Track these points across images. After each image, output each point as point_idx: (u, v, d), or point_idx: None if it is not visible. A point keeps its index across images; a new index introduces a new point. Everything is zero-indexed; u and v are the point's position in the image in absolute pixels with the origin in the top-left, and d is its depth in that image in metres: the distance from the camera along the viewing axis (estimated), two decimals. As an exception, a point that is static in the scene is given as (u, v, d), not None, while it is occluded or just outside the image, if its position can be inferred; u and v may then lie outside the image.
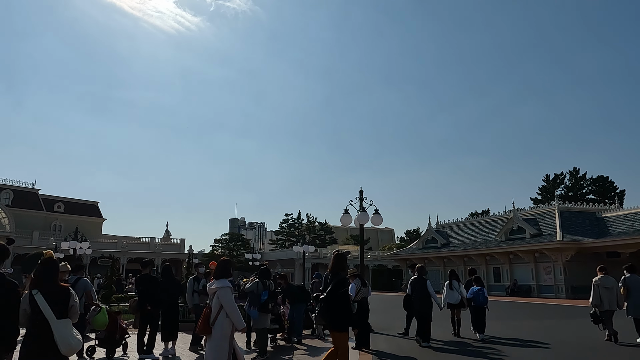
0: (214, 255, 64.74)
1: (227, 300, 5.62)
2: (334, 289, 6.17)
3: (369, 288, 11.22)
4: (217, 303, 5.63)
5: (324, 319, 6.26)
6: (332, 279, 6.40)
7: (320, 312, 6.38)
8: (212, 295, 5.78)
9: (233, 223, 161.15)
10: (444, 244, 45.27)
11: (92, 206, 58.94)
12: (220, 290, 5.66)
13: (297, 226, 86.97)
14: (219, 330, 5.56)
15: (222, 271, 5.91)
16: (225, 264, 6.00)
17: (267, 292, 9.06)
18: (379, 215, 14.69)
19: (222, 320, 5.57)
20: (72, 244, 24.58)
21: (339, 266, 6.59)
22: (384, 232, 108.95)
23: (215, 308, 5.62)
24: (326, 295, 6.23)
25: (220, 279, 5.82)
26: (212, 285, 5.78)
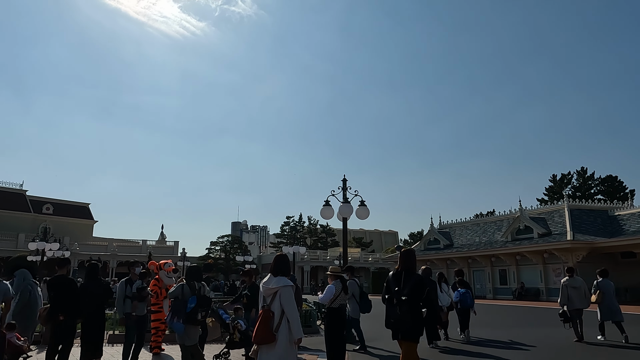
0: (209, 257, 62.85)
1: (289, 303, 4.89)
2: (416, 291, 5.47)
3: (348, 295, 9.16)
4: (279, 305, 4.86)
5: (402, 327, 5.44)
6: (407, 278, 5.63)
7: (398, 319, 5.51)
8: (271, 296, 4.93)
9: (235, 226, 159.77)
10: (447, 245, 43.11)
11: (82, 208, 57.15)
12: (283, 290, 4.89)
13: (299, 229, 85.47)
14: (284, 338, 4.79)
15: (281, 267, 5.09)
16: (284, 259, 5.23)
17: (195, 297, 7.02)
18: (365, 207, 12.66)
19: (286, 325, 4.82)
20: (40, 245, 22.71)
21: (411, 263, 5.83)
22: (388, 234, 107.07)
23: (278, 311, 4.85)
24: (408, 298, 5.42)
25: (279, 276, 5.01)
26: (270, 284, 4.95)
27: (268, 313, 4.82)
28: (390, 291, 5.74)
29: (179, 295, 7.15)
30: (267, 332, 4.74)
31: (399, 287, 5.64)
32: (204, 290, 7.34)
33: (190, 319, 6.95)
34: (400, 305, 5.48)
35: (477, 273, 39.93)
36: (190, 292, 7.13)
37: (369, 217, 12.68)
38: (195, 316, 6.95)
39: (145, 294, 8.45)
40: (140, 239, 53.91)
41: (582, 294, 11.50)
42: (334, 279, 8.63)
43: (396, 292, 5.61)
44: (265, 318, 4.80)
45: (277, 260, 5.21)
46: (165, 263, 10.76)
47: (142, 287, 8.48)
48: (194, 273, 7.41)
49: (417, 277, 5.71)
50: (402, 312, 5.46)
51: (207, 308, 7.19)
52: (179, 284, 7.34)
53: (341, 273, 8.67)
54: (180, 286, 7.22)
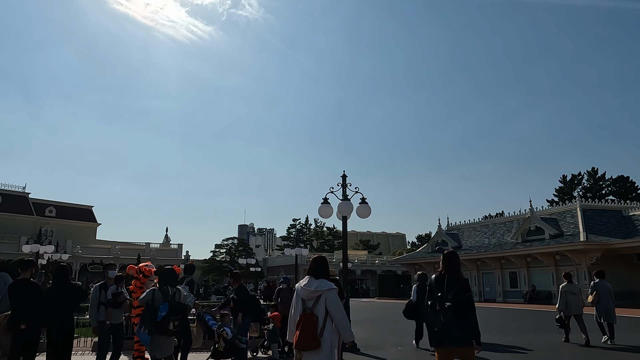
0: (214, 260, 62.15)
1: (336, 305, 4.65)
2: (460, 294, 5.22)
3: (348, 300, 8.28)
4: (323, 309, 4.61)
5: (451, 333, 5.15)
6: (451, 282, 5.34)
7: (444, 326, 5.22)
8: (313, 299, 4.66)
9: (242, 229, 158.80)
10: (455, 247, 42.01)
11: (85, 210, 56.68)
12: (328, 293, 4.65)
13: (305, 231, 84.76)
14: (328, 343, 4.56)
15: (321, 269, 4.81)
16: (324, 261, 4.93)
17: (167, 305, 6.19)
18: (366, 205, 11.79)
19: (330, 330, 4.60)
20: (34, 247, 22.04)
21: (455, 266, 5.53)
22: (395, 237, 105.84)
23: (322, 315, 4.59)
24: (453, 304, 5.16)
25: (320, 278, 4.74)
26: (312, 287, 4.68)
27: (312, 317, 4.56)
28: (434, 296, 5.41)
29: (149, 301, 6.34)
30: (312, 337, 4.48)
31: (442, 292, 5.34)
32: (179, 296, 6.52)
33: (160, 329, 6.13)
34: (445, 312, 5.20)
35: (486, 276, 38.87)
36: (162, 298, 6.31)
37: (376, 219, 12.05)
38: (166, 325, 6.12)
39: (121, 299, 7.65)
40: (144, 242, 53.30)
41: (579, 300, 11.82)
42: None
43: (440, 297, 5.30)
44: (308, 322, 4.54)
45: (316, 262, 4.89)
46: (145, 265, 10.01)
47: (118, 293, 7.68)
48: (168, 276, 6.58)
49: (461, 281, 5.39)
50: (447, 319, 5.19)
51: (181, 316, 6.37)
52: (150, 289, 6.53)
53: (335, 276, 7.85)
54: (151, 291, 6.41)
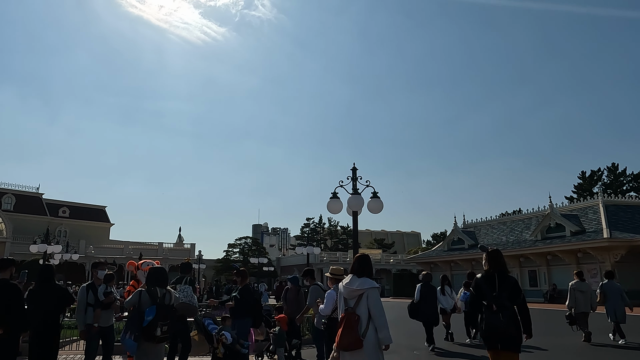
0: (227, 260, 61.79)
1: (377, 305, 4.55)
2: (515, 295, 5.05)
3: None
4: (366, 308, 4.52)
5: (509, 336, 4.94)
6: (502, 281, 5.13)
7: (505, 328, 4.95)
8: (355, 298, 4.57)
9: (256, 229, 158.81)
10: (472, 245, 40.96)
11: (99, 211, 56.75)
12: (371, 292, 4.56)
13: (319, 230, 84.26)
14: (372, 344, 4.44)
15: (364, 267, 4.73)
16: (367, 259, 4.83)
17: (154, 308, 5.54)
18: (378, 199, 11.05)
19: (374, 330, 4.47)
20: (41, 247, 21.71)
21: (503, 264, 5.31)
22: (410, 235, 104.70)
23: (364, 315, 4.51)
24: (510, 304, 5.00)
25: (362, 276, 4.64)
26: (355, 286, 4.60)
27: (353, 316, 4.47)
28: (485, 296, 5.13)
29: (135, 304, 5.71)
30: (354, 338, 4.37)
31: (495, 291, 5.08)
32: (169, 298, 5.87)
33: (146, 335, 5.49)
34: (503, 312, 4.95)
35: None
36: (150, 300, 5.67)
37: (390, 218, 11.28)
38: (152, 331, 5.48)
39: (110, 300, 7.05)
40: (157, 242, 53.16)
41: (587, 298, 12.02)
42: (335, 282, 7.10)
43: (495, 297, 5.03)
44: (350, 322, 4.45)
45: (359, 261, 4.76)
46: (143, 262, 9.42)
47: (108, 293, 7.08)
48: (156, 276, 5.94)
49: (513, 280, 5.19)
50: (507, 319, 4.94)
51: (170, 321, 5.72)
52: (137, 290, 5.90)
53: (342, 276, 7.13)
54: (138, 293, 5.77)
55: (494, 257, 5.32)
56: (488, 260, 5.34)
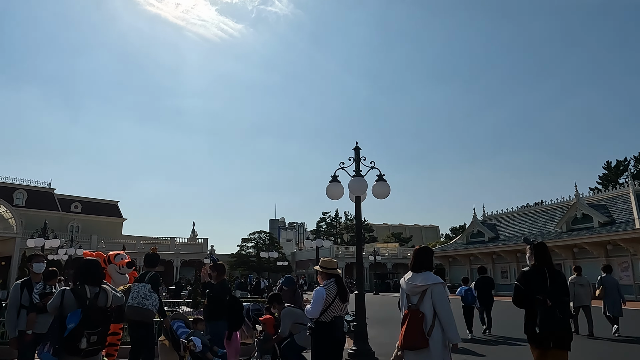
0: (241, 255, 60.99)
1: (443, 301, 4.22)
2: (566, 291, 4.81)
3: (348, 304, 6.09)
4: (430, 305, 4.20)
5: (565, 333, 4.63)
6: (553, 276, 4.78)
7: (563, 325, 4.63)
8: (418, 295, 4.25)
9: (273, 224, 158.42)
10: (492, 237, 39.16)
11: (111, 206, 56.30)
12: (435, 288, 4.23)
13: (335, 225, 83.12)
14: (439, 343, 4.11)
15: (423, 261, 4.40)
16: (428, 252, 4.49)
17: (78, 312, 4.27)
18: (384, 182, 9.64)
19: (439, 328, 4.16)
20: (38, 241, 20.85)
21: (549, 257, 4.99)
22: (429, 229, 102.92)
23: (429, 312, 4.18)
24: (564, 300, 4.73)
25: (423, 271, 4.34)
26: (417, 282, 4.27)
27: (417, 314, 4.24)
28: (536, 291, 4.81)
29: (56, 307, 4.44)
30: (420, 336, 4.15)
31: (546, 286, 4.80)
32: (105, 299, 4.57)
33: (68, 348, 4.22)
34: (560, 308, 4.72)
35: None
36: (76, 302, 4.39)
37: (409, 211, 9.94)
38: (75, 343, 4.21)
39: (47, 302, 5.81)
40: (169, 237, 52.52)
41: (587, 292, 12.20)
42: (326, 277, 5.75)
43: (551, 292, 4.72)
44: (415, 320, 4.22)
45: (419, 254, 4.50)
46: (116, 255, 8.18)
47: (46, 293, 5.83)
48: (86, 271, 4.65)
49: (563, 276, 5.01)
50: (565, 315, 4.74)
51: (102, 329, 4.44)
52: (59, 290, 4.63)
53: (335, 270, 5.76)
54: (60, 292, 4.50)
55: (539, 250, 5.03)
56: (535, 254, 5.02)
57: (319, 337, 5.45)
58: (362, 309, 9.18)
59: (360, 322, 9.03)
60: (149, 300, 6.29)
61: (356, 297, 9.25)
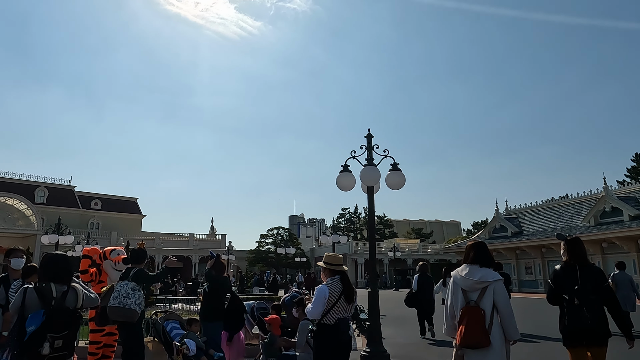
0: (259, 251, 60.81)
1: (505, 298, 4.14)
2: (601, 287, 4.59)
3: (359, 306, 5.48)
4: (491, 302, 4.09)
5: (594, 332, 4.47)
6: (585, 272, 4.63)
7: (592, 323, 4.46)
8: (478, 291, 4.12)
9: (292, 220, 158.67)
10: (516, 232, 37.95)
11: (130, 202, 56.67)
12: (497, 285, 4.12)
13: (354, 221, 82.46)
14: (500, 341, 4.04)
15: (483, 256, 4.28)
16: (485, 248, 4.38)
17: (40, 313, 3.75)
18: (399, 172, 8.96)
19: (499, 326, 4.08)
20: (52, 238, 20.75)
21: (584, 254, 4.80)
22: (450, 225, 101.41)
23: (489, 309, 4.07)
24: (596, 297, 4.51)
25: (480, 265, 4.21)
26: (476, 277, 4.13)
27: (478, 311, 4.06)
28: (565, 289, 4.71)
29: (17, 307, 3.92)
30: (482, 334, 3.97)
31: (577, 284, 4.67)
32: (73, 299, 4.03)
33: (29, 354, 3.70)
34: (587, 306, 4.52)
35: (553, 264, 34.62)
36: (39, 302, 3.87)
37: (429, 207, 9.60)
38: (36, 348, 3.68)
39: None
40: (188, 233, 52.57)
41: None
42: (330, 274, 5.12)
43: (577, 290, 4.59)
44: (476, 317, 4.04)
45: (478, 249, 4.37)
46: (112, 250, 7.70)
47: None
48: (51, 267, 4.12)
49: (596, 270, 4.80)
50: (592, 314, 4.51)
51: (69, 332, 3.90)
52: (21, 288, 4.11)
53: (341, 266, 5.12)
54: (22, 291, 3.98)
55: (573, 245, 4.82)
56: (567, 250, 4.82)
57: (321, 342, 4.84)
58: (376, 308, 8.53)
59: (374, 322, 8.40)
60: (132, 299, 5.74)
61: (369, 295, 8.61)
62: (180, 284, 35.89)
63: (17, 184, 47.64)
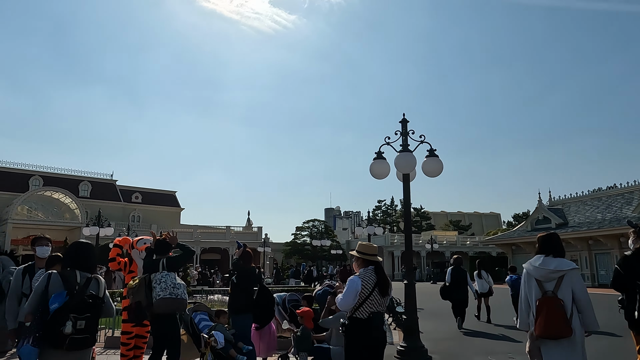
0: (295, 243, 60.96)
1: (582, 287, 4.14)
2: None
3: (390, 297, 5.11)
4: (569, 292, 4.06)
5: None
6: None
7: None
8: (554, 280, 4.07)
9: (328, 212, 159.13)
10: (560, 224, 36.40)
11: (169, 196, 57.85)
12: (573, 274, 4.10)
13: (390, 213, 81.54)
14: (580, 332, 4.05)
15: (556, 246, 4.27)
16: (557, 238, 4.36)
17: (64, 293, 3.64)
18: (436, 158, 8.50)
19: (578, 316, 4.07)
20: (93, 230, 21.28)
21: None
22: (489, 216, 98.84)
23: (568, 299, 4.04)
24: None
25: (553, 255, 4.18)
26: (551, 266, 4.09)
27: (557, 301, 4.01)
28: (636, 276, 4.59)
29: (41, 290, 3.80)
30: (563, 324, 3.93)
31: None
32: (96, 288, 3.91)
33: (50, 334, 3.57)
34: None
35: (600, 257, 33.11)
36: (63, 287, 3.76)
37: (468, 199, 9.35)
38: (57, 326, 3.55)
39: None
40: (225, 225, 53.21)
41: None
42: (363, 265, 4.79)
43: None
44: (555, 307, 3.98)
45: (550, 239, 4.32)
46: (139, 240, 7.61)
47: None
48: (76, 254, 4.00)
49: None
50: None
51: (92, 316, 3.76)
52: (45, 273, 4.00)
53: (375, 257, 4.78)
54: (47, 275, 3.88)
55: None
56: (636, 237, 4.86)
57: (352, 337, 4.52)
58: (413, 301, 8.15)
59: (411, 316, 8.02)
60: (180, 289, 5.51)
61: (405, 287, 8.22)
62: (218, 275, 36.41)
63: (62, 179, 49.49)
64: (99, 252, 24.71)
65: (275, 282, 30.95)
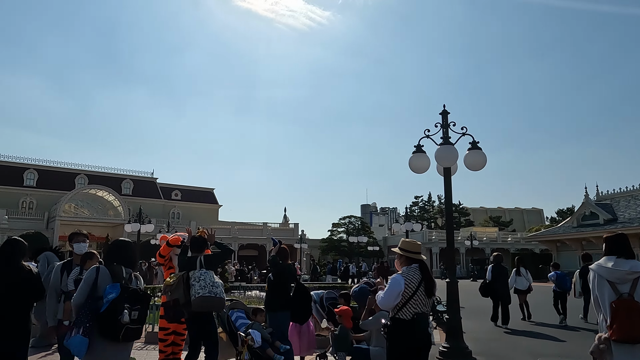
0: (332, 240, 60.88)
1: None
2: None
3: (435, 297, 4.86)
4: None
5: None
6: None
7: None
8: (630, 282, 3.86)
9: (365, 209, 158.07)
10: (609, 220, 34.72)
11: (207, 193, 58.89)
12: None
13: (428, 209, 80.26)
14: None
15: (624, 246, 4.04)
16: (626, 238, 4.14)
17: (117, 286, 3.66)
18: (479, 150, 8.11)
19: None
20: (134, 226, 21.79)
21: None
22: (531, 212, 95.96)
23: None
24: None
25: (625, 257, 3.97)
26: (626, 267, 3.88)
27: (636, 303, 3.77)
28: None
29: (91, 281, 3.79)
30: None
31: None
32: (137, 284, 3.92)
33: (106, 324, 3.54)
34: None
35: (653, 254, 31.38)
36: (112, 280, 3.78)
37: (508, 194, 8.53)
38: (115, 315, 3.52)
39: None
40: (262, 222, 53.72)
41: None
42: (406, 263, 4.54)
43: None
44: (636, 309, 3.75)
45: (620, 239, 4.09)
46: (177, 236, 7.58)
47: (80, 279, 5.19)
48: (118, 252, 4.02)
49: None
50: None
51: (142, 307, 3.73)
52: (92, 267, 3.99)
53: (419, 255, 4.53)
54: (95, 268, 3.87)
55: None
56: None
57: (395, 339, 4.29)
58: (456, 300, 7.81)
59: (454, 315, 7.69)
60: (219, 287, 5.41)
61: (447, 286, 7.90)
62: (255, 271, 36.75)
63: (106, 177, 51.28)
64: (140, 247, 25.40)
65: (312, 279, 30.92)
